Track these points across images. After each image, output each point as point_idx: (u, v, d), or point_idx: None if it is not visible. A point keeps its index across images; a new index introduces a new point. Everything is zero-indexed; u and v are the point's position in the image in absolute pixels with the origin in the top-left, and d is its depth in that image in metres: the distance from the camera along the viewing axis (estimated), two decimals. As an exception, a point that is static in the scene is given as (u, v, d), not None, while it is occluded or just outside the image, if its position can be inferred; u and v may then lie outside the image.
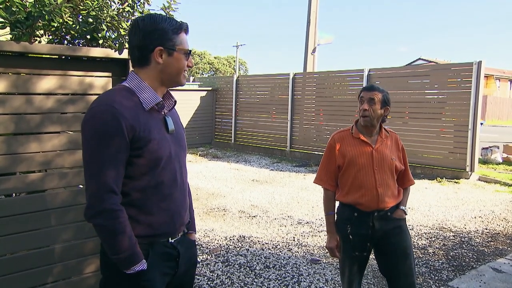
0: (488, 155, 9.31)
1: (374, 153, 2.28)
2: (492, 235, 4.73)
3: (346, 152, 2.31)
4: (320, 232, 4.72)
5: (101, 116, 1.33)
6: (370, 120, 2.26)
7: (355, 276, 2.37)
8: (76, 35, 2.17)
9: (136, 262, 1.38)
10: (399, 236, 2.30)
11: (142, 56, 1.45)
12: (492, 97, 28.14)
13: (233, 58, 45.08)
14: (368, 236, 2.28)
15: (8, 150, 1.97)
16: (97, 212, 1.33)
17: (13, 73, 1.98)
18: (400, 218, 2.32)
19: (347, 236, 2.32)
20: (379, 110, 2.26)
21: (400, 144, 2.40)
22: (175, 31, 1.45)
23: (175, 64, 1.46)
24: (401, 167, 2.35)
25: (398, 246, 2.29)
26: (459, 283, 3.47)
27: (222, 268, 3.67)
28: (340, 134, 2.39)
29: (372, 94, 2.26)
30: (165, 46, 1.43)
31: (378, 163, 2.27)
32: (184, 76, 1.51)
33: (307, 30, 13.59)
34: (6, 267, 1.98)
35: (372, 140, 2.32)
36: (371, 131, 2.32)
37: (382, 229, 2.28)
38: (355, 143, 2.32)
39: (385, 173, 2.28)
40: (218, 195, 6.41)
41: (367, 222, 2.27)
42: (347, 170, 2.31)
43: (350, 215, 2.31)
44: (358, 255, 2.31)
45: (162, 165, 1.44)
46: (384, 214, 2.28)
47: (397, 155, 2.35)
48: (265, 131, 11.07)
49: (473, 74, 7.53)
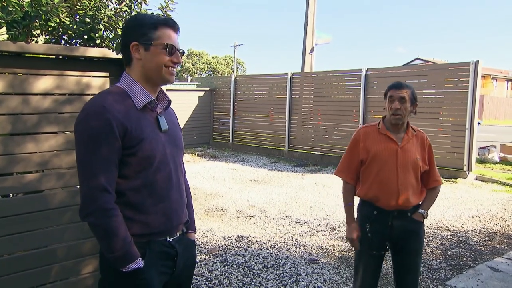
0: (485, 154, 9.34)
1: (399, 151, 2.25)
2: (489, 234, 4.74)
3: (370, 147, 2.29)
4: (318, 232, 4.73)
5: (92, 116, 1.35)
6: (401, 118, 2.24)
7: (369, 275, 2.36)
8: (73, 35, 2.17)
9: (132, 261, 1.38)
10: (415, 237, 2.30)
11: (125, 54, 1.48)
12: (489, 96, 28.23)
13: (231, 58, 45.06)
14: (386, 235, 2.28)
15: (4, 151, 1.96)
16: (91, 211, 1.34)
17: (10, 73, 1.97)
18: (419, 220, 2.30)
19: (365, 234, 2.31)
20: (409, 108, 2.25)
21: (427, 143, 2.36)
22: (152, 26, 1.45)
23: (153, 59, 1.45)
24: (425, 167, 2.32)
25: (413, 246, 2.30)
26: (456, 282, 3.48)
27: (220, 268, 3.66)
28: (366, 129, 2.37)
29: (402, 92, 2.23)
30: (140, 40, 1.44)
31: (402, 162, 2.25)
32: (170, 72, 1.49)
33: (305, 30, 13.60)
34: (4, 267, 1.97)
35: (398, 138, 2.29)
36: (398, 129, 2.29)
37: (400, 229, 2.27)
38: (381, 139, 2.29)
39: (408, 172, 2.25)
40: (216, 195, 6.41)
41: (386, 221, 2.27)
42: (370, 165, 2.29)
43: (369, 213, 2.30)
44: (376, 254, 2.31)
45: (156, 164, 1.44)
46: (404, 213, 2.27)
47: (421, 155, 2.31)
48: (263, 131, 11.07)
49: (470, 73, 7.55)
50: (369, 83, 9.03)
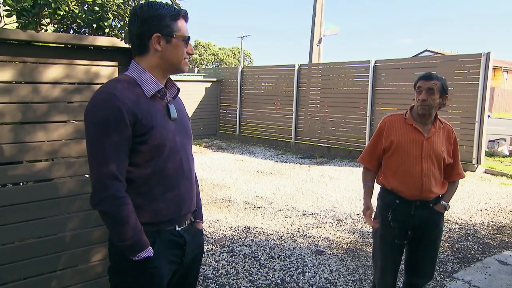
0: (494, 147, 9.23)
1: (425, 142, 2.25)
2: (498, 228, 4.71)
3: (394, 137, 2.29)
4: (324, 224, 4.73)
5: (102, 104, 1.34)
6: (428, 109, 2.22)
7: (390, 265, 2.37)
8: (82, 24, 2.16)
9: (142, 249, 1.39)
10: (435, 227, 2.32)
11: (141, 44, 1.45)
12: (500, 89, 27.82)
13: (238, 49, 44.85)
14: (408, 224, 2.28)
15: (15, 139, 1.97)
16: (101, 199, 1.34)
17: (20, 61, 1.97)
18: (440, 212, 2.32)
19: (388, 222, 2.31)
20: (437, 100, 2.22)
21: (453, 136, 2.35)
22: (173, 18, 1.44)
23: (174, 52, 1.45)
24: (449, 161, 2.32)
25: (432, 236, 2.32)
26: (464, 275, 3.47)
27: (227, 258, 3.69)
28: (392, 117, 2.37)
29: (431, 83, 2.20)
30: (163, 32, 1.43)
31: (426, 153, 2.24)
32: (186, 63, 1.50)
33: (313, 21, 13.47)
34: (14, 254, 2.00)
35: (425, 129, 2.28)
36: (426, 120, 2.28)
37: (421, 219, 2.28)
38: (407, 130, 2.28)
39: (433, 164, 2.25)
40: (223, 186, 6.43)
41: (408, 210, 2.27)
42: (394, 154, 2.29)
43: (392, 201, 2.31)
44: (398, 243, 2.32)
45: (166, 152, 1.44)
46: (426, 204, 2.28)
47: (446, 148, 2.31)
48: (269, 122, 11.05)
49: (481, 65, 7.44)
50: (377, 74, 8.94)
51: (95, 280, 2.25)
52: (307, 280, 3.30)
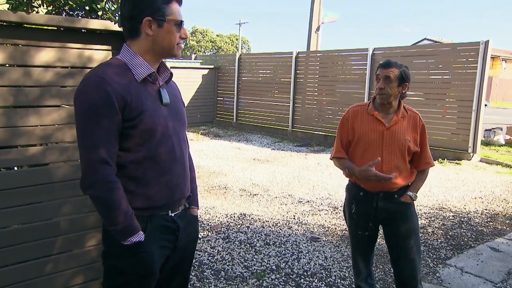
0: (490, 136, 9.26)
1: (386, 132, 2.20)
2: (491, 216, 4.75)
3: (356, 128, 2.25)
4: (320, 211, 4.76)
5: (91, 88, 1.33)
6: (386, 98, 2.18)
7: (357, 254, 2.39)
8: (74, 6, 2.12)
9: (132, 234, 1.39)
10: (403, 218, 2.26)
11: (132, 27, 1.43)
12: (498, 78, 27.78)
13: (235, 36, 44.42)
14: (371, 217, 2.27)
15: (8, 123, 1.95)
16: (91, 183, 1.34)
17: (11, 44, 1.94)
18: (407, 202, 2.26)
19: (352, 214, 2.32)
20: (396, 88, 2.16)
21: (420, 124, 2.27)
22: (165, 1, 1.40)
23: (166, 36, 1.42)
24: (415, 149, 2.25)
25: (402, 228, 2.26)
26: (456, 261, 3.51)
27: (223, 245, 3.71)
28: (355, 108, 2.33)
29: (388, 71, 2.15)
30: (154, 16, 1.39)
31: (388, 143, 2.19)
32: (180, 47, 1.48)
33: (311, 8, 13.32)
34: (8, 239, 2.00)
35: (387, 119, 2.23)
36: (387, 109, 2.23)
37: (386, 211, 2.25)
38: (369, 120, 2.24)
39: (395, 154, 2.20)
40: (219, 173, 6.43)
41: (371, 202, 2.25)
42: (356, 146, 2.27)
43: (356, 194, 2.30)
44: (361, 234, 2.31)
45: (157, 137, 1.43)
46: (390, 195, 2.24)
47: (412, 136, 2.23)
48: (267, 110, 11.01)
49: (479, 54, 7.40)
50: (375, 63, 8.88)
51: (90, 265, 2.26)
52: (302, 266, 3.33)
